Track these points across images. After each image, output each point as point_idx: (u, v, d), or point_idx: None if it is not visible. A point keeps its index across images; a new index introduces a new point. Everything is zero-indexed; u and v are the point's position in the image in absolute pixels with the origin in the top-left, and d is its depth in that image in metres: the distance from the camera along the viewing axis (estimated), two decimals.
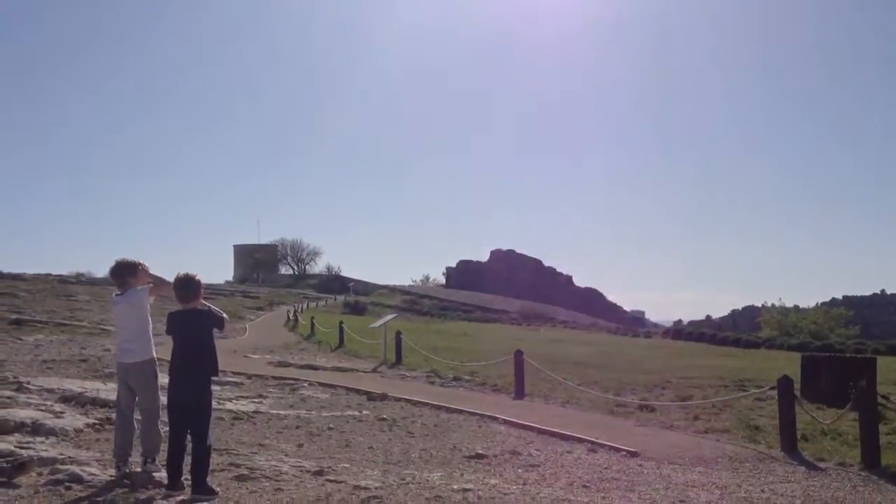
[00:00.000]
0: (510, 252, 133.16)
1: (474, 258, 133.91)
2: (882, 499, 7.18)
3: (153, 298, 6.62)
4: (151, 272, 6.69)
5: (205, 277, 6.57)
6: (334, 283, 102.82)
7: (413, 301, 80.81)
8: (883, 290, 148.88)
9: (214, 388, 7.39)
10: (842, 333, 50.08)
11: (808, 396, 12.87)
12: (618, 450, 9.06)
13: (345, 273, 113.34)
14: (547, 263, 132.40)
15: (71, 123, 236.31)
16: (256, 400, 12.40)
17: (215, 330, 6.27)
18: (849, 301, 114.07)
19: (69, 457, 6.95)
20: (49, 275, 59.33)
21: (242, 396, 12.59)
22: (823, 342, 39.89)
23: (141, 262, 6.62)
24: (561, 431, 10.15)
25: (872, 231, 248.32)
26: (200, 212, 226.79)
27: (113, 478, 6.21)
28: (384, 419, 10.96)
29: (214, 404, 7.03)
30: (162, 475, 6.14)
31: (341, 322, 29.75)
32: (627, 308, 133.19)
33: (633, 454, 8.87)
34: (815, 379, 14.21)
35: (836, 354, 22.48)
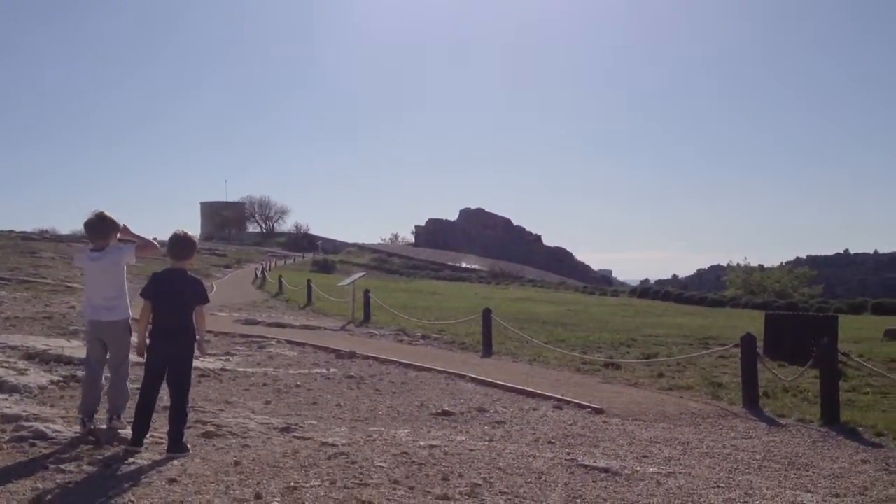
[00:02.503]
0: (479, 211, 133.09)
1: (443, 217, 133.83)
2: (840, 454, 7.33)
3: (135, 259, 6.50)
4: (133, 232, 6.57)
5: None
6: (303, 241, 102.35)
7: (382, 260, 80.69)
8: (846, 250, 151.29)
9: None
10: (805, 292, 50.97)
11: (770, 354, 13.09)
12: (583, 407, 9.15)
13: (313, 231, 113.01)
14: (516, 222, 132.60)
15: (37, 81, 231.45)
16: (223, 357, 12.36)
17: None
18: (813, 261, 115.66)
19: (33, 414, 6.88)
20: (12, 231, 58.50)
21: (209, 354, 12.51)
22: (787, 301, 40.54)
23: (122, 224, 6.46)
24: (527, 389, 10.22)
25: (837, 192, 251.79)
26: (167, 169, 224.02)
27: (78, 434, 6.16)
28: (352, 377, 10.97)
29: None
30: (127, 432, 6.09)
31: (309, 280, 29.66)
32: (596, 267, 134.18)
33: (598, 411, 8.97)
34: (778, 337, 14.44)
35: (798, 313, 22.83)
